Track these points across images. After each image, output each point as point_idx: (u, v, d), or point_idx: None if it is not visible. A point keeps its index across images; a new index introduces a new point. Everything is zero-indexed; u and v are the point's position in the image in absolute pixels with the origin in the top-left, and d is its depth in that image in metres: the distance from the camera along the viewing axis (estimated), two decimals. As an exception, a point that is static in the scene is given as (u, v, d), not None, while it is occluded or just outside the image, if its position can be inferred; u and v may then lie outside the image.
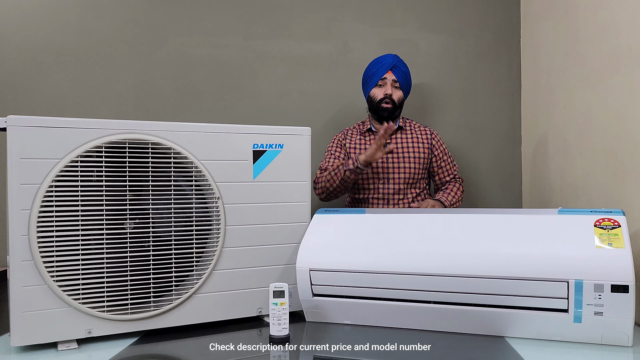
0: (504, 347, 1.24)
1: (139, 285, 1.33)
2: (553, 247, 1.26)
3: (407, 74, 2.05)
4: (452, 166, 2.13)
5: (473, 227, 1.39)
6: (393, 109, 2.02)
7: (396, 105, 2.03)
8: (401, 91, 2.05)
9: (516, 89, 2.43)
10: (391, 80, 2.02)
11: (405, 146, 2.04)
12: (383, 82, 2.02)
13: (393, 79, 2.02)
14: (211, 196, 1.42)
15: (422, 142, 2.06)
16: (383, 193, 2.01)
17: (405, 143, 2.05)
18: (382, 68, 2.02)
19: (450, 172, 2.12)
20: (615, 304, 1.17)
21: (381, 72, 2.02)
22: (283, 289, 1.28)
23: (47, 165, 1.25)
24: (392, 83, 2.02)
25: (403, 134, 2.07)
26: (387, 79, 2.01)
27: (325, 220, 1.54)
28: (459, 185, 2.10)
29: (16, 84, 2.03)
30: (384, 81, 2.02)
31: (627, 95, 1.57)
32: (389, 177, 2.01)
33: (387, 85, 2.01)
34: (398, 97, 2.03)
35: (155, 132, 1.36)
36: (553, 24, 2.07)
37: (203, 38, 2.20)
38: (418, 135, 2.08)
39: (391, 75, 2.02)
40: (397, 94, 2.03)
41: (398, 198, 2.01)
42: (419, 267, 1.33)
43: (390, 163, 2.02)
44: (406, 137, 2.06)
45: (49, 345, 1.27)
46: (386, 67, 2.02)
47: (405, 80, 2.05)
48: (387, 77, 2.01)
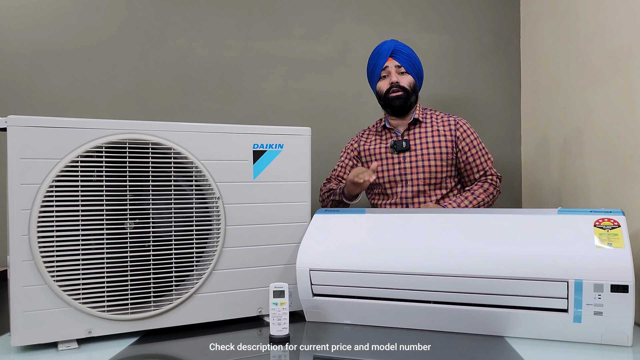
0: (504, 347, 1.24)
1: (139, 285, 1.33)
2: (553, 247, 1.26)
3: (411, 56, 1.84)
4: (484, 160, 1.84)
5: (473, 227, 1.39)
6: (406, 97, 1.79)
7: (408, 91, 1.80)
8: (410, 76, 1.82)
9: (516, 89, 2.43)
10: (394, 66, 1.82)
11: (424, 142, 1.81)
12: (386, 72, 1.83)
13: (396, 64, 1.82)
14: (211, 196, 1.42)
15: (444, 135, 1.82)
16: (402, 197, 1.80)
17: (424, 138, 1.82)
18: (381, 57, 1.83)
19: (481, 167, 1.83)
20: (615, 303, 1.17)
21: (381, 62, 1.82)
22: (283, 289, 1.28)
23: (47, 165, 1.25)
24: (396, 69, 1.82)
25: (421, 127, 1.84)
26: (390, 67, 1.82)
27: (325, 220, 1.54)
28: (487, 186, 1.82)
29: (16, 84, 2.03)
30: (386, 70, 1.83)
31: (627, 95, 1.57)
32: (407, 180, 1.80)
33: (392, 74, 1.82)
34: (408, 82, 1.81)
35: (155, 132, 1.36)
36: (553, 24, 2.07)
37: (203, 38, 2.20)
38: (439, 127, 1.83)
39: (393, 62, 1.82)
40: (406, 80, 1.81)
41: (419, 202, 1.80)
42: (419, 267, 1.33)
43: (407, 163, 1.80)
44: (425, 131, 1.83)
45: (49, 345, 1.27)
46: (385, 54, 1.83)
47: (410, 64, 1.83)
48: (389, 65, 1.82)
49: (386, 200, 1.84)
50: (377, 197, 1.90)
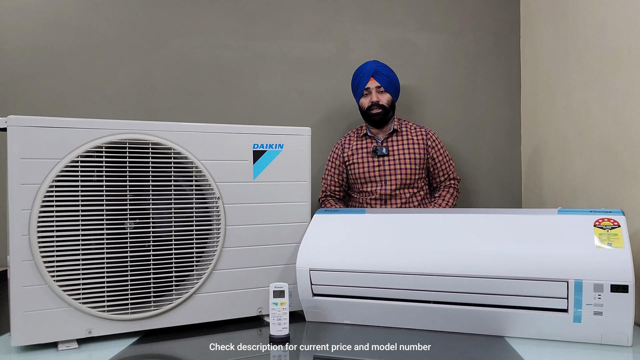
0: (504, 346, 1.24)
1: (139, 285, 1.33)
2: (553, 247, 1.26)
3: (390, 77, 2.07)
4: (448, 166, 2.15)
5: (473, 227, 1.39)
6: (384, 113, 2.05)
7: (386, 108, 2.05)
8: (388, 94, 2.07)
9: (516, 89, 2.43)
10: (375, 87, 2.04)
11: (400, 148, 2.08)
12: (367, 91, 2.05)
13: (376, 85, 2.04)
14: (211, 196, 1.42)
15: (417, 143, 2.09)
16: (380, 194, 2.06)
17: (400, 145, 2.09)
18: (364, 77, 2.05)
19: (445, 172, 2.15)
20: (615, 303, 1.17)
21: (364, 81, 2.05)
22: (283, 289, 1.28)
23: (47, 165, 1.25)
24: (377, 89, 2.05)
25: (398, 136, 2.11)
26: (371, 87, 2.04)
27: (325, 220, 1.54)
28: (452, 191, 2.13)
29: (16, 84, 2.03)
30: (368, 90, 2.05)
31: (627, 95, 1.57)
32: (385, 180, 2.05)
33: (372, 93, 2.04)
34: (386, 100, 2.06)
35: (155, 132, 1.36)
36: (553, 24, 2.07)
37: (203, 38, 2.20)
38: (413, 137, 2.11)
39: (374, 83, 2.04)
40: (385, 98, 2.06)
41: (395, 198, 2.06)
42: (419, 267, 1.33)
43: (386, 166, 2.06)
44: (401, 140, 2.10)
45: (49, 345, 1.27)
46: (367, 75, 2.05)
47: (389, 84, 2.07)
48: (370, 86, 2.04)
49: (367, 196, 2.09)
50: (357, 193, 2.12)
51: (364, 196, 2.10)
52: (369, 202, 2.07)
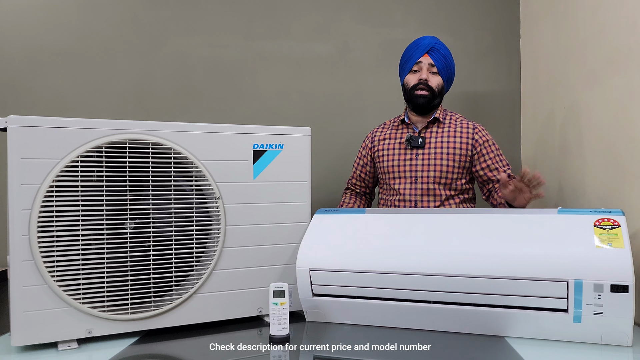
0: (504, 347, 1.24)
1: (139, 285, 1.33)
2: (553, 247, 1.26)
3: (447, 58, 1.82)
4: (502, 165, 1.81)
5: (473, 227, 1.39)
6: (431, 97, 1.78)
7: (435, 92, 1.79)
8: (440, 77, 1.81)
9: (516, 89, 2.43)
10: (427, 64, 1.80)
11: (439, 140, 1.79)
12: (418, 67, 1.81)
13: (430, 62, 1.80)
14: (211, 196, 1.42)
15: (460, 137, 1.79)
16: (410, 194, 1.78)
17: (439, 137, 1.80)
18: (418, 51, 1.80)
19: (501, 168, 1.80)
20: (615, 303, 1.17)
21: (417, 55, 1.79)
22: (283, 289, 1.28)
23: (47, 165, 1.25)
24: (429, 67, 1.80)
25: (439, 127, 1.82)
26: (423, 63, 1.80)
27: (325, 220, 1.54)
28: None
29: (16, 84, 2.03)
30: (419, 65, 1.80)
31: (627, 95, 1.57)
32: (416, 176, 1.78)
33: (423, 70, 1.80)
34: (436, 83, 1.80)
35: (155, 132, 1.36)
36: (553, 24, 2.07)
37: (203, 38, 2.20)
38: (457, 129, 1.81)
39: (427, 59, 1.80)
40: (435, 80, 1.80)
41: (428, 200, 1.77)
42: (419, 267, 1.33)
43: (419, 160, 1.78)
44: (442, 131, 1.81)
45: (49, 345, 1.27)
46: (422, 49, 1.80)
47: (444, 66, 1.81)
48: (423, 61, 1.80)
49: (394, 197, 1.81)
50: (385, 192, 1.88)
51: (390, 196, 1.81)
52: (397, 205, 1.80)
